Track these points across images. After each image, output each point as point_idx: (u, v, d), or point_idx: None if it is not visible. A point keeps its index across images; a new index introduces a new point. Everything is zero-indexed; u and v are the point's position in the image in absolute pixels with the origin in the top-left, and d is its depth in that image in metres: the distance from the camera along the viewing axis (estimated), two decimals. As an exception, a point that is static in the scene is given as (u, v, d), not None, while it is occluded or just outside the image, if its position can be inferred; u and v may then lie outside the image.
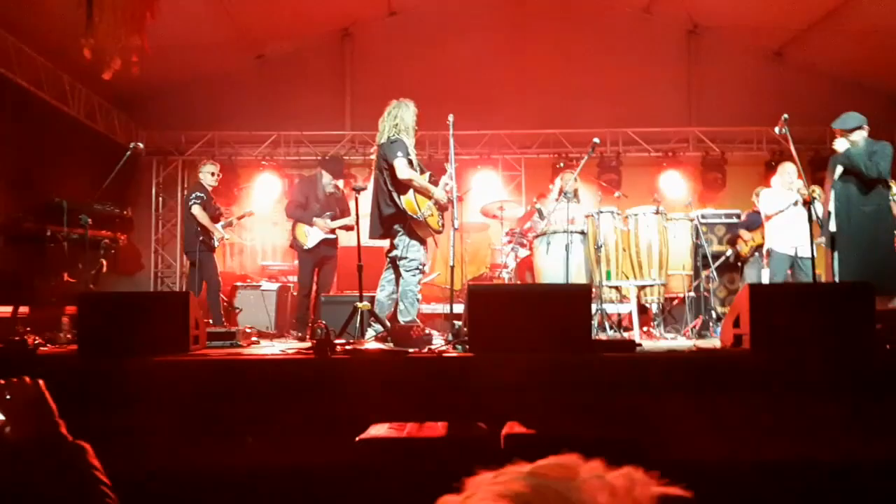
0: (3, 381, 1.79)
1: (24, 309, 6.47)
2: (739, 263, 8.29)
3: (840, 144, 5.99)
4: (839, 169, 6.00)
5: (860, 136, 5.92)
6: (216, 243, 7.41)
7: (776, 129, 5.55)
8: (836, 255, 5.94)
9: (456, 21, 10.38)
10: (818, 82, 10.25)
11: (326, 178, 7.41)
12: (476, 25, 10.34)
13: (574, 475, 0.80)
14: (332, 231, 7.27)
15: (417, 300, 5.78)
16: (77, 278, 6.98)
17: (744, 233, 8.23)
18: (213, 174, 7.41)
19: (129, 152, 6.35)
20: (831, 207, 6.04)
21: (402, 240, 5.72)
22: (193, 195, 7.33)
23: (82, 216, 6.30)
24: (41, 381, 1.80)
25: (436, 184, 5.80)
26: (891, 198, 6.08)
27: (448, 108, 5.80)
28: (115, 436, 3.73)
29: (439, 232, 5.90)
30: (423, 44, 10.34)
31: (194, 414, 3.81)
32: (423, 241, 5.78)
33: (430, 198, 5.67)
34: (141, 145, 6.70)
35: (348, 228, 7.35)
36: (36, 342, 5.13)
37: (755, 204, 8.31)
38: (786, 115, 5.45)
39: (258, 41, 10.12)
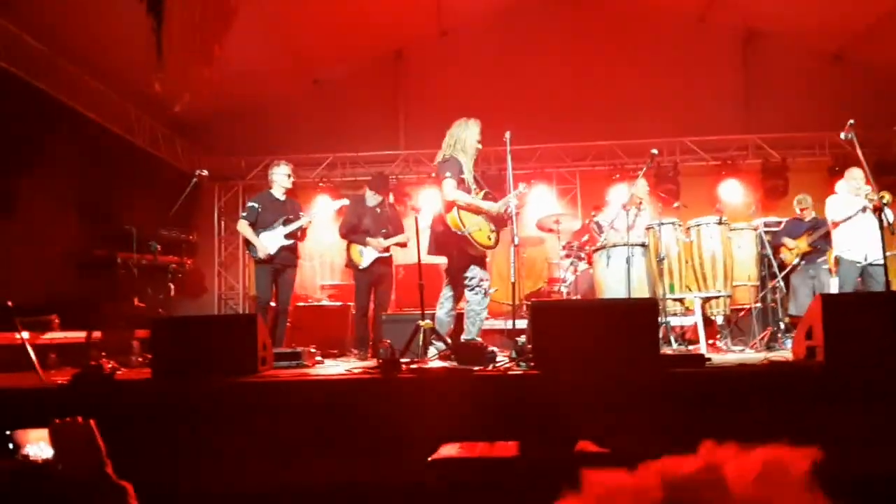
0: (58, 422, 1.87)
1: (96, 333, 6.68)
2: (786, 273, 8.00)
3: None
4: None
5: None
6: (260, 255, 6.77)
7: (842, 135, 5.40)
8: None
9: (505, 37, 10.44)
10: (880, 83, 9.97)
11: (370, 195, 7.44)
12: (526, 40, 10.39)
13: (717, 476, 0.78)
14: (387, 249, 7.26)
15: (480, 319, 5.76)
16: (147, 302, 7.21)
17: (787, 241, 7.94)
18: (288, 175, 7.03)
19: (194, 180, 6.54)
20: None
21: (460, 259, 5.75)
22: (245, 208, 7.09)
23: (152, 243, 6.52)
24: (92, 422, 1.87)
25: (494, 200, 5.81)
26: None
27: (500, 124, 5.83)
28: (192, 456, 3.83)
29: (490, 247, 5.82)
30: (473, 61, 10.41)
31: (267, 434, 3.88)
32: (479, 260, 5.74)
33: (478, 214, 5.66)
34: (205, 173, 6.81)
35: (402, 245, 7.39)
36: (112, 367, 5.29)
37: (796, 211, 8.11)
38: (852, 121, 5.31)
39: (314, 66, 10.35)
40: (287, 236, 6.83)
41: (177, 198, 6.58)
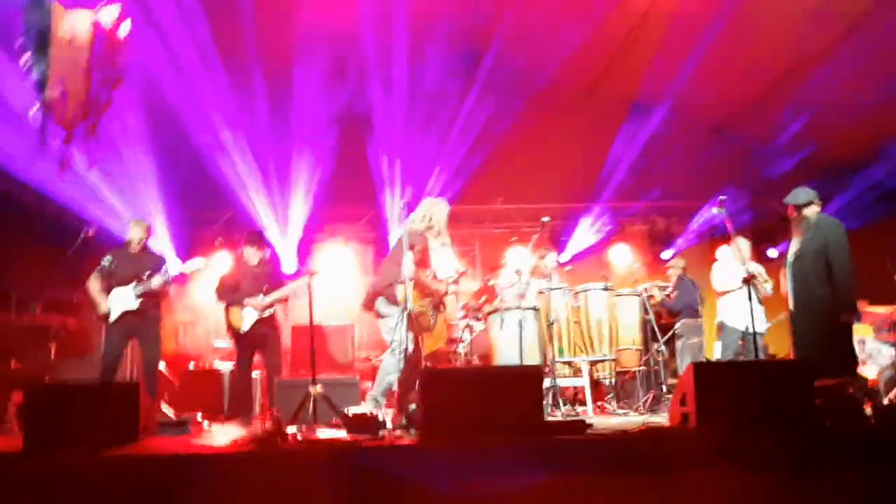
0: None
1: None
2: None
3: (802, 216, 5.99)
4: (793, 247, 6.05)
5: (812, 210, 5.93)
6: (111, 314, 6.46)
7: (713, 210, 5.75)
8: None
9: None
10: (758, 155, 10.69)
11: (250, 252, 7.11)
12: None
13: None
14: (268, 307, 6.90)
15: (388, 382, 5.78)
16: (25, 364, 6.87)
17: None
18: (138, 240, 6.69)
19: (81, 237, 6.33)
20: (789, 287, 6.07)
21: (386, 322, 5.81)
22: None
23: (32, 304, 6.24)
24: None
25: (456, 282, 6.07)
26: None
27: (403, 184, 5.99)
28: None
29: (427, 330, 5.91)
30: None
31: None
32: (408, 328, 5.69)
33: (428, 295, 5.77)
34: (93, 231, 6.57)
35: (282, 302, 7.09)
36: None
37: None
38: (723, 197, 5.67)
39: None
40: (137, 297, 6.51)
41: (65, 254, 6.36)
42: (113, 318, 6.41)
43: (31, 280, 7.19)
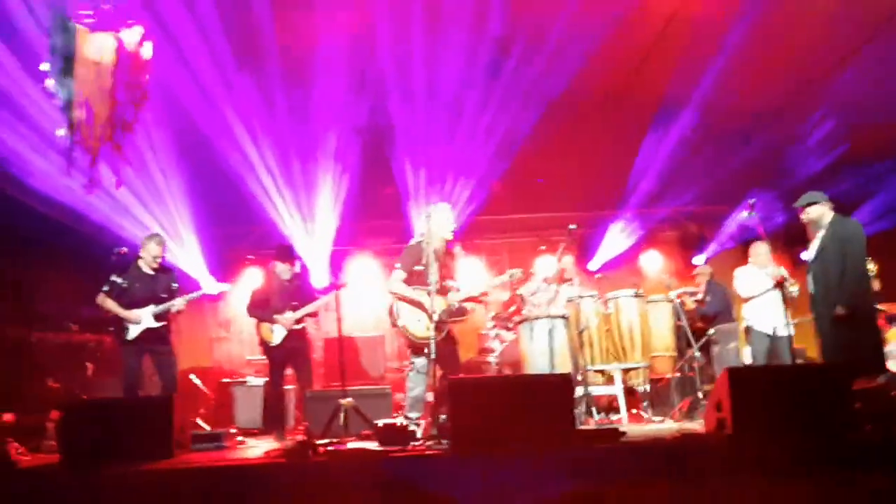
0: None
1: (9, 416, 6.42)
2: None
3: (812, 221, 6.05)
4: (813, 249, 6.05)
5: (816, 211, 5.97)
6: (129, 333, 6.42)
7: (744, 214, 5.68)
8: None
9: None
10: (790, 158, 10.53)
11: (280, 267, 7.16)
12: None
13: None
14: (299, 321, 6.94)
15: (411, 396, 5.73)
16: (62, 383, 6.97)
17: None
18: (154, 257, 6.57)
19: (113, 258, 6.41)
20: (810, 288, 6.06)
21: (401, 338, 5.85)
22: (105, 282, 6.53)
23: (67, 323, 6.33)
24: None
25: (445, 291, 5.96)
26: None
27: (429, 195, 5.97)
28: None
29: (423, 340, 5.71)
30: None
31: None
32: (415, 346, 5.72)
33: (418, 307, 5.74)
34: (125, 250, 6.64)
35: (313, 316, 7.15)
36: (18, 451, 5.09)
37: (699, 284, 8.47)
38: (752, 200, 5.60)
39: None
40: (157, 318, 6.50)
41: (100, 273, 6.44)
42: (131, 336, 6.41)
43: (68, 299, 7.30)
